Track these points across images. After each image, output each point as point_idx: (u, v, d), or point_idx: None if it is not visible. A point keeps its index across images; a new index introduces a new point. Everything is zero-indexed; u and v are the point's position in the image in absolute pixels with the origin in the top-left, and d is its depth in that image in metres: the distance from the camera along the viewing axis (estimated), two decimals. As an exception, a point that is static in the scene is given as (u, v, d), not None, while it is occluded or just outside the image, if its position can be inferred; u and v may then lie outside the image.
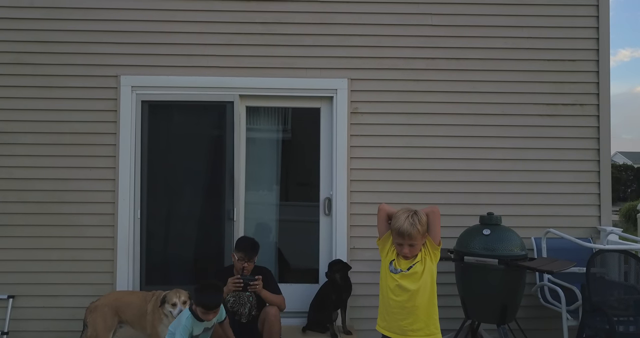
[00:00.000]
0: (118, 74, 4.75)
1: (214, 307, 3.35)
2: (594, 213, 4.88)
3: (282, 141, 5.11)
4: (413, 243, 2.73)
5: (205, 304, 3.33)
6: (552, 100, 4.90)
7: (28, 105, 4.72)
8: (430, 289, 2.76)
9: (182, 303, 3.68)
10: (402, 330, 2.74)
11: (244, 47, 4.80)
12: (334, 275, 4.38)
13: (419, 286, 2.73)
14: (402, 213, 2.75)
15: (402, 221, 2.71)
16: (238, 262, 3.98)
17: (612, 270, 4.27)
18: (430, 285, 2.76)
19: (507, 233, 4.13)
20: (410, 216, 2.72)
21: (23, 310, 4.63)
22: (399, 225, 2.71)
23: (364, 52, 4.84)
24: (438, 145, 4.85)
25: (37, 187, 4.69)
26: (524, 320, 4.49)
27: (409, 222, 2.69)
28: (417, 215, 2.73)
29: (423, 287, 2.73)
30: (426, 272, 2.75)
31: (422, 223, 2.73)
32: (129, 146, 4.72)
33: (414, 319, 2.72)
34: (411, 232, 2.68)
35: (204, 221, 4.90)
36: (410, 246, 2.73)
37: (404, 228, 2.68)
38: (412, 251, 2.74)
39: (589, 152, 4.91)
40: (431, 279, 2.77)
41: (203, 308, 3.34)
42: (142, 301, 3.87)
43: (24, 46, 4.74)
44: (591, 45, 4.92)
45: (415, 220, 2.71)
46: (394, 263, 2.80)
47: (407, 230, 2.67)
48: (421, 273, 2.74)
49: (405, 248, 2.73)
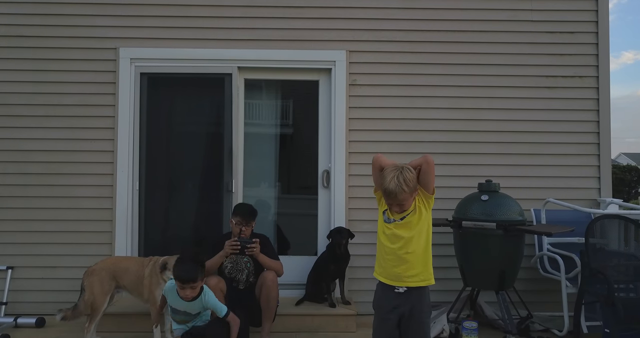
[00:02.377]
0: (117, 46, 4.77)
1: (187, 281, 3.09)
2: (594, 185, 4.86)
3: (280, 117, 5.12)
4: (401, 202, 2.69)
5: (177, 275, 3.12)
6: (551, 72, 4.89)
7: (27, 78, 4.74)
8: (425, 236, 2.74)
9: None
10: (398, 276, 2.73)
11: (243, 20, 4.81)
12: (341, 241, 4.33)
13: (412, 234, 2.71)
14: (389, 172, 2.67)
15: (388, 181, 2.64)
16: (236, 226, 3.96)
17: (612, 239, 4.24)
18: (426, 232, 2.74)
19: (506, 199, 4.12)
20: (396, 177, 2.63)
21: (22, 281, 4.64)
22: (385, 186, 2.66)
23: (363, 24, 4.84)
24: (436, 117, 4.85)
25: (36, 158, 4.71)
26: (523, 292, 4.46)
27: (394, 183, 2.62)
28: (403, 174, 2.65)
29: (417, 235, 2.71)
30: (421, 220, 2.73)
31: (409, 181, 2.65)
32: (128, 118, 4.73)
33: (408, 266, 2.71)
34: (397, 193, 2.63)
35: (203, 193, 4.90)
36: (399, 205, 2.70)
37: (390, 188, 2.63)
38: (402, 207, 2.72)
39: (588, 124, 4.89)
40: (426, 227, 2.75)
41: (177, 280, 3.13)
42: (139, 266, 3.87)
43: (23, 19, 4.77)
44: (590, 17, 4.91)
45: (401, 181, 2.62)
46: (387, 213, 2.78)
47: (393, 191, 2.63)
48: (416, 222, 2.73)
49: (394, 206, 2.71)
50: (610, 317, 3.62)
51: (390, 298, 2.77)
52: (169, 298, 3.31)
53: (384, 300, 2.80)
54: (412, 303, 2.73)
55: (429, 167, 2.71)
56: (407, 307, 2.73)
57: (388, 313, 2.77)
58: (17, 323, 4.32)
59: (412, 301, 2.73)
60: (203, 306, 3.27)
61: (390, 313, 2.76)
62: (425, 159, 2.73)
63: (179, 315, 3.32)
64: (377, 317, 2.85)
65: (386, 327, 2.78)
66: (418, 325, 2.73)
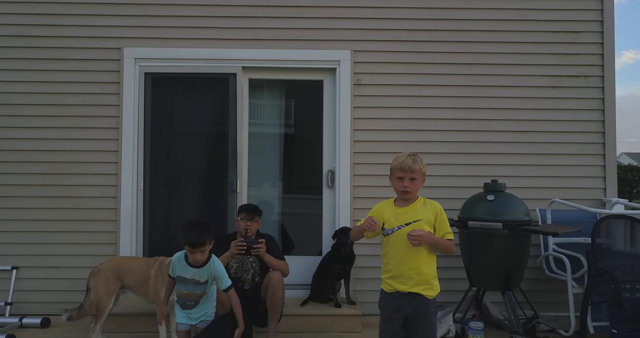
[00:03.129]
0: (121, 46, 4.76)
1: (197, 244, 3.13)
2: (599, 185, 4.85)
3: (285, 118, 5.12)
4: (414, 177, 2.75)
5: (188, 240, 3.15)
6: (556, 72, 4.88)
7: (31, 78, 4.74)
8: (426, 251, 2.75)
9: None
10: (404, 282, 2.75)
11: (247, 19, 4.80)
12: (347, 241, 4.32)
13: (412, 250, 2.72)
14: (402, 155, 2.80)
15: (403, 158, 2.77)
16: (241, 221, 3.96)
17: (618, 239, 4.23)
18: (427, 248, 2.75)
19: (511, 199, 4.11)
20: (409, 155, 2.78)
21: (26, 281, 4.64)
22: (400, 161, 2.76)
23: (367, 23, 4.83)
24: (441, 117, 4.84)
25: (40, 158, 4.70)
26: (529, 293, 4.45)
27: (410, 159, 2.75)
28: (417, 155, 2.80)
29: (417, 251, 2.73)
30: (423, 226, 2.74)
31: (422, 160, 2.79)
32: (132, 118, 4.72)
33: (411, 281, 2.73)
34: (412, 166, 2.73)
35: (207, 193, 4.89)
36: (411, 180, 2.76)
37: (406, 163, 2.74)
38: (412, 186, 2.75)
39: (593, 124, 4.88)
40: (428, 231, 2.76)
41: (187, 245, 3.16)
42: (145, 266, 3.86)
43: (26, 18, 4.76)
44: (595, 16, 4.90)
45: (417, 158, 2.77)
46: (385, 226, 2.80)
47: (408, 164, 2.73)
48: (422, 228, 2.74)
49: (406, 181, 2.75)
50: (618, 317, 3.61)
51: (395, 299, 2.77)
52: (177, 268, 3.27)
53: (389, 301, 2.81)
54: (418, 303, 2.73)
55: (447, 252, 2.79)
56: (412, 308, 2.73)
57: (393, 313, 2.78)
58: (22, 324, 4.32)
59: (418, 301, 2.73)
60: (212, 273, 3.25)
61: (395, 313, 2.76)
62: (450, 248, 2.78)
63: (187, 286, 3.24)
64: (383, 317, 2.85)
65: (391, 327, 2.78)
66: (424, 324, 2.73)
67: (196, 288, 3.25)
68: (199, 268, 3.23)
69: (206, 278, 3.25)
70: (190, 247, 3.15)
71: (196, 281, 3.24)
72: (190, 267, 3.23)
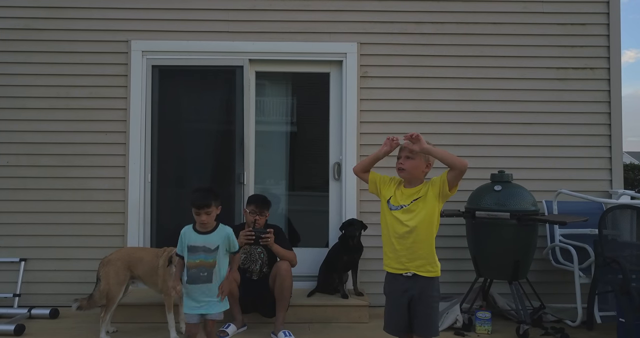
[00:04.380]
0: (128, 38, 4.78)
1: (202, 206, 3.17)
2: (606, 177, 4.86)
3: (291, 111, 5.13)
4: (409, 155, 2.73)
5: (194, 201, 3.19)
6: (562, 64, 4.89)
7: (39, 70, 4.76)
8: (430, 227, 2.72)
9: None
10: (403, 264, 2.75)
11: (254, 12, 4.82)
12: (354, 233, 4.35)
13: (417, 223, 2.70)
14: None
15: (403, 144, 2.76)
16: (250, 214, 3.98)
17: (624, 230, 4.24)
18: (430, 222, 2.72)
19: (519, 189, 4.13)
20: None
21: (35, 273, 4.66)
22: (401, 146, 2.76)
23: (374, 16, 4.85)
24: (448, 109, 4.85)
25: (49, 151, 4.72)
26: (535, 284, 4.46)
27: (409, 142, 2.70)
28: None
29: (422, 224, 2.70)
30: (426, 207, 2.71)
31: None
32: (140, 110, 4.74)
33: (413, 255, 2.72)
34: (408, 144, 2.69)
35: (214, 185, 4.89)
36: (407, 158, 2.74)
37: (406, 144, 2.72)
38: (407, 164, 2.73)
39: (600, 116, 4.89)
40: (433, 217, 2.72)
41: (193, 206, 3.19)
42: (154, 257, 3.88)
43: (34, 12, 4.78)
44: (601, 8, 4.91)
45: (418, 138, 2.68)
46: (391, 201, 2.79)
47: (408, 144, 2.70)
48: (421, 208, 2.71)
49: (401, 159, 2.75)
50: (626, 306, 3.62)
51: (400, 282, 2.77)
52: (187, 238, 3.26)
53: (394, 284, 2.81)
54: (422, 287, 2.73)
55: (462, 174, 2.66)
56: (416, 290, 2.73)
57: (398, 297, 2.78)
58: (31, 314, 4.34)
59: (422, 285, 2.73)
60: (222, 238, 3.25)
61: (401, 297, 2.76)
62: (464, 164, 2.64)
63: (198, 255, 3.21)
64: (388, 300, 2.86)
65: (396, 310, 2.79)
66: (426, 308, 2.72)
67: (207, 257, 3.21)
68: (208, 234, 3.24)
69: (216, 245, 3.23)
70: (197, 208, 3.18)
71: (207, 248, 3.21)
72: (199, 234, 3.24)
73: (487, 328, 4.02)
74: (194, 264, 3.22)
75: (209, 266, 3.21)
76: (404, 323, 2.76)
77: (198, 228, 3.26)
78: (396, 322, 2.80)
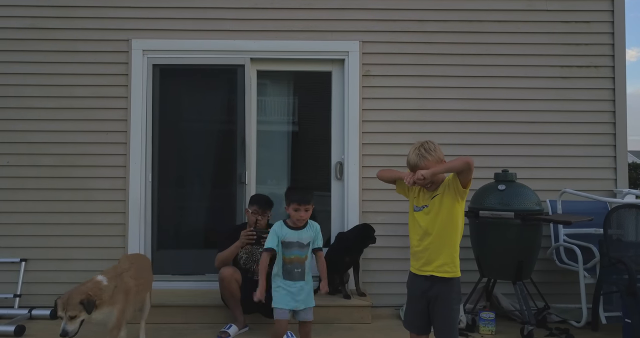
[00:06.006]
0: (129, 37, 4.75)
1: (304, 202, 3.32)
2: (610, 176, 4.82)
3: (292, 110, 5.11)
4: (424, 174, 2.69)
5: (296, 198, 3.33)
6: (566, 62, 4.85)
7: (40, 70, 4.73)
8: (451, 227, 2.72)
9: (69, 319, 3.01)
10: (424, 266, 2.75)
11: (255, 10, 4.78)
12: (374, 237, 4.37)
13: (435, 223, 2.71)
14: (413, 147, 2.77)
15: (410, 154, 2.75)
16: (252, 214, 3.95)
17: (629, 230, 4.20)
18: (452, 222, 2.72)
19: (523, 189, 4.09)
20: (417, 148, 2.72)
21: (35, 274, 4.63)
22: (408, 159, 2.75)
23: (376, 14, 4.81)
24: (451, 108, 4.81)
25: (50, 150, 4.69)
26: (540, 284, 4.42)
27: (415, 154, 2.71)
28: (426, 145, 2.73)
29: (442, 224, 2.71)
30: (442, 206, 2.71)
31: (431, 150, 2.71)
32: (140, 110, 4.71)
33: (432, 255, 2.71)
34: (417, 163, 2.69)
35: (216, 185, 4.89)
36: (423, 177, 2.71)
37: (410, 159, 2.72)
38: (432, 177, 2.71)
39: (604, 115, 4.85)
40: (453, 216, 2.71)
41: (294, 203, 3.32)
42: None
43: (38, 11, 4.75)
44: (606, 6, 4.87)
45: (422, 151, 2.70)
46: (415, 201, 2.82)
47: (413, 161, 2.71)
48: (437, 207, 2.71)
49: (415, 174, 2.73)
50: (632, 307, 3.59)
51: (419, 282, 2.79)
52: (282, 233, 3.37)
53: (414, 284, 2.83)
54: (440, 288, 2.72)
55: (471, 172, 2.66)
56: (434, 292, 2.72)
57: (417, 297, 2.80)
58: (31, 315, 4.32)
59: (440, 286, 2.72)
60: (314, 232, 3.41)
61: (420, 297, 2.78)
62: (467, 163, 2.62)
63: (292, 251, 3.34)
64: (409, 297, 2.90)
65: (416, 309, 2.82)
66: (445, 309, 2.72)
67: (301, 252, 3.35)
68: (301, 230, 3.37)
69: (309, 240, 3.37)
70: (297, 205, 3.32)
71: (300, 244, 3.35)
72: (292, 229, 3.37)
73: (491, 328, 3.99)
74: (289, 260, 3.35)
75: (302, 262, 3.36)
76: (418, 323, 2.81)
77: (291, 224, 3.38)
78: (411, 321, 2.87)
